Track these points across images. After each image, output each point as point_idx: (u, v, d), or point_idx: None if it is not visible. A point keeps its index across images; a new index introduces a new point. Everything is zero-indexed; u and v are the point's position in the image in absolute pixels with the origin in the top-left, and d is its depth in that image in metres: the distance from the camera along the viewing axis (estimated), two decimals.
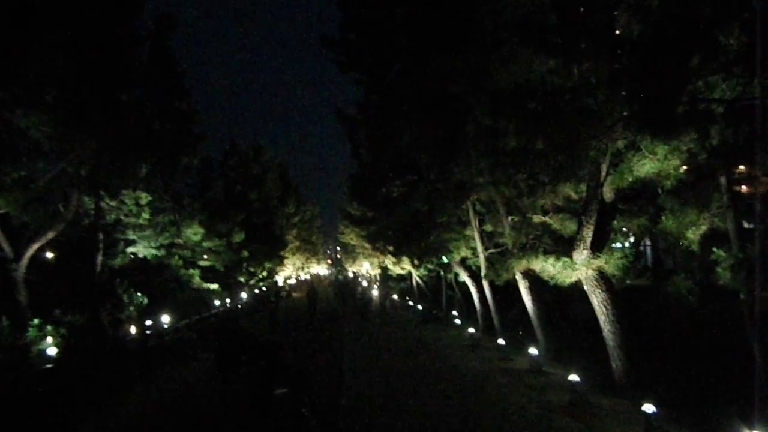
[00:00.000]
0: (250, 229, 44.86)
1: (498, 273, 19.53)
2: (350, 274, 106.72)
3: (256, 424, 11.77)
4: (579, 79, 12.26)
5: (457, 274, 33.38)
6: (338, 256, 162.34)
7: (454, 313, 31.35)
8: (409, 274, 52.22)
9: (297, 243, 79.91)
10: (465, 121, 19.23)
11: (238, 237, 40.27)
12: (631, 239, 30.33)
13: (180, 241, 33.30)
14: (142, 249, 24.17)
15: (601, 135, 11.21)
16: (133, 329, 21.42)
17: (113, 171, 19.36)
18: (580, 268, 14.86)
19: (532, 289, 20.56)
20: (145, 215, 22.88)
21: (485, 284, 24.81)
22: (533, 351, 18.05)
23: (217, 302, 34.38)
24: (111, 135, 17.73)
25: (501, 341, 20.68)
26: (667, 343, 19.90)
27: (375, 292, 49.90)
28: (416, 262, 40.20)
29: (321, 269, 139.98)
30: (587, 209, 14.83)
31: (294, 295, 68.99)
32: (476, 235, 24.60)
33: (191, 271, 33.13)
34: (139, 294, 22.82)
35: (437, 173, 22.17)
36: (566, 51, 12.04)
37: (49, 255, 21.31)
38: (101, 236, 22.31)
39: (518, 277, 20.48)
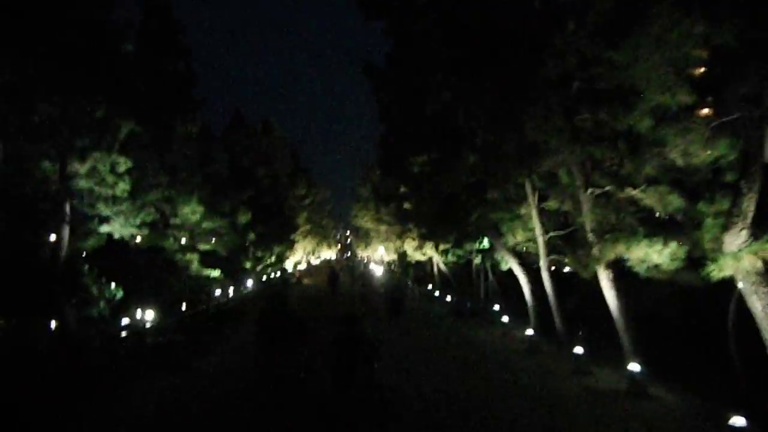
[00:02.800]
0: (258, 210, 40.32)
1: (582, 262, 14.82)
2: (363, 260, 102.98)
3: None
4: None
5: (496, 262, 28.65)
6: (348, 240, 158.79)
7: (496, 307, 26.52)
8: (430, 260, 47.99)
9: (308, 227, 75.49)
10: (535, 65, 14.51)
11: (244, 217, 35.74)
12: None
13: (177, 221, 28.87)
14: (118, 227, 19.36)
15: None
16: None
17: (72, 121, 14.69)
18: (741, 257, 10.06)
19: (617, 282, 15.76)
20: (124, 186, 18.17)
21: (544, 274, 20.13)
22: (634, 367, 13.26)
23: (218, 291, 29.78)
24: (58, 65, 12.94)
25: (579, 349, 15.81)
26: None
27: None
28: (443, 246, 35.67)
29: (331, 254, 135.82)
30: (747, 171, 10.13)
31: (305, 281, 64.47)
32: (534, 215, 19.86)
33: (189, 255, 28.67)
34: (113, 285, 18.11)
35: (494, 136, 17.22)
36: None
37: None
38: (68, 210, 17.61)
39: (599, 267, 15.72)
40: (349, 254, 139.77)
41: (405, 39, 21.57)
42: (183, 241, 29.22)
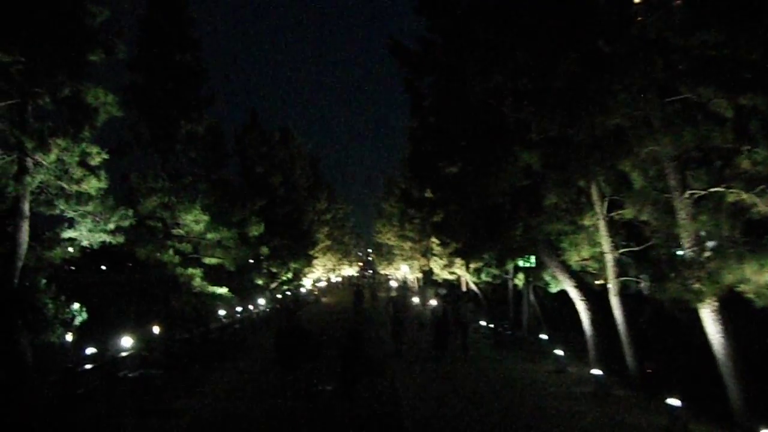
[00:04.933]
0: (273, 221, 36.84)
1: (689, 287, 11.03)
2: (386, 277, 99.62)
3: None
4: None
5: (545, 283, 24.78)
6: (370, 258, 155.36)
7: (544, 336, 22.53)
8: (458, 279, 44.45)
9: (328, 242, 71.86)
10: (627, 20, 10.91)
11: (256, 229, 32.15)
12: None
13: (180, 231, 25.55)
14: (85, 232, 15.62)
15: None
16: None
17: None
18: None
19: (722, 315, 11.96)
20: (96, 182, 14.63)
21: (613, 300, 16.43)
22: None
23: (222, 312, 26.23)
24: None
25: (674, 401, 11.91)
26: None
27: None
28: (475, 265, 31.86)
29: (352, 272, 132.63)
30: None
31: (324, 300, 61.01)
32: (602, 226, 16.19)
33: (191, 270, 25.22)
34: (76, 306, 14.46)
35: (561, 123, 13.36)
36: None
37: None
38: (27, 210, 14.12)
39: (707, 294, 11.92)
40: (371, 272, 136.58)
41: (444, 13, 17.92)
42: (184, 254, 25.89)
